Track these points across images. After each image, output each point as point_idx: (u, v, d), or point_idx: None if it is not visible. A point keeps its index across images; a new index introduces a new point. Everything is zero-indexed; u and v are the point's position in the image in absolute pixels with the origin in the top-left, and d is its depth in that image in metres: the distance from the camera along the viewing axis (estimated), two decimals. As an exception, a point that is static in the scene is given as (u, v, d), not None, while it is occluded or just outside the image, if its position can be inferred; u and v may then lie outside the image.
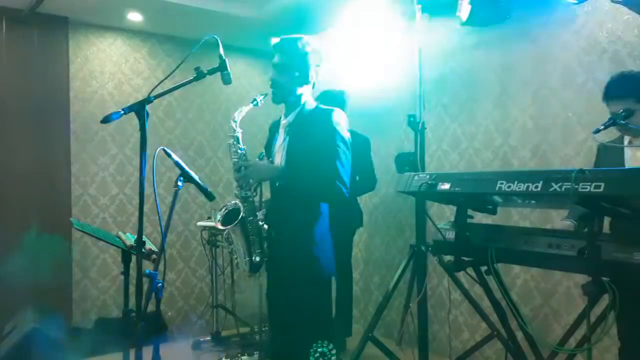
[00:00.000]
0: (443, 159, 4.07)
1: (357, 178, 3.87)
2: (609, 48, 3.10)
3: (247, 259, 2.14)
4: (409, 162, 3.55)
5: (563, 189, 1.69)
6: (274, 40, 2.22)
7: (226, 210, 2.15)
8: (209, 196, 2.05)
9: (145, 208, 1.87)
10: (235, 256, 2.15)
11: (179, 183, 1.93)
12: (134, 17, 4.33)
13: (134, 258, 2.37)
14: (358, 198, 4.11)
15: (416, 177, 2.30)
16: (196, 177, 2.00)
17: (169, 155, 1.96)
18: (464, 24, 2.96)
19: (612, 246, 1.72)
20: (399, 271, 3.26)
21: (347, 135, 2.17)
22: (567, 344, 2.38)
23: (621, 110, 2.26)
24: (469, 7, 2.83)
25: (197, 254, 4.94)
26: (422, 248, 3.12)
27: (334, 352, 2.08)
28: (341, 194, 2.10)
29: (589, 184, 1.62)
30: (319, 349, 2.06)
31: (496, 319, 2.49)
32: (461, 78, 3.93)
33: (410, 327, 3.30)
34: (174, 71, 2.04)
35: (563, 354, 2.37)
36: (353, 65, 4.07)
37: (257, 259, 2.15)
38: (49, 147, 4.29)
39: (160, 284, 1.85)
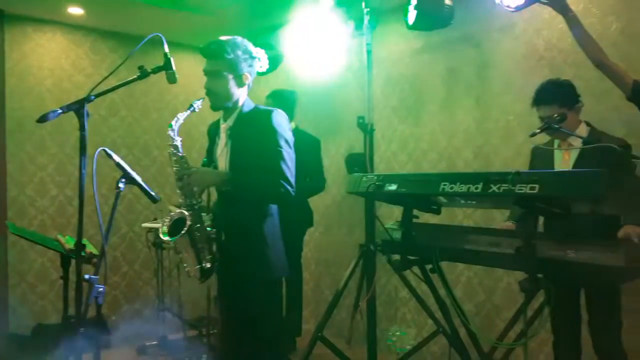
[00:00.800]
0: (392, 160, 4.14)
1: (308, 179, 3.88)
2: (545, 55, 3.25)
3: (198, 266, 2.11)
4: (358, 162, 3.60)
5: (501, 190, 1.76)
6: (214, 43, 2.17)
7: (171, 221, 2.10)
8: (153, 198, 2.00)
9: (88, 210, 1.80)
10: (185, 265, 2.11)
11: (121, 185, 1.87)
12: (75, 10, 4.16)
13: (74, 262, 2.28)
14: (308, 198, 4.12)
15: (365, 179, 2.34)
16: (139, 179, 1.94)
17: (110, 156, 1.90)
18: (410, 28, 3.02)
19: (547, 244, 1.81)
20: (349, 271, 3.30)
21: (289, 135, 2.17)
22: (506, 338, 2.49)
23: (555, 115, 2.38)
24: (415, 12, 2.90)
25: (143, 256, 4.81)
26: (371, 247, 3.17)
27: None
28: (287, 194, 2.11)
29: (525, 185, 1.70)
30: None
31: (442, 315, 2.57)
32: (409, 81, 4.01)
33: (359, 326, 3.34)
34: (115, 70, 1.97)
35: (505, 347, 2.48)
36: (304, 67, 4.08)
37: (208, 265, 2.12)
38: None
39: (101, 289, 1.79)
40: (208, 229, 2.16)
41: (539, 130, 2.23)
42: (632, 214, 2.09)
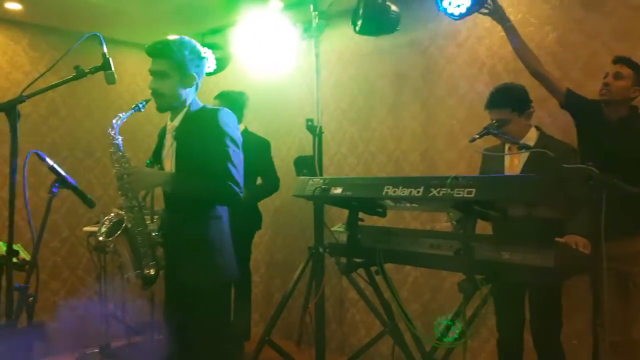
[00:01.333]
0: (342, 162, 4.18)
1: (261, 180, 3.87)
2: (487, 62, 3.37)
3: (138, 271, 2.05)
4: (307, 165, 3.62)
5: (440, 194, 1.81)
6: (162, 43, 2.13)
7: (110, 223, 2.05)
8: (89, 203, 1.93)
9: (23, 213, 1.73)
10: (126, 271, 2.05)
11: (54, 189, 1.80)
12: (13, 6, 3.98)
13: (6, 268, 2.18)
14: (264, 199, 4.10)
15: (311, 182, 2.35)
16: (74, 183, 1.87)
17: (42, 159, 1.82)
18: (358, 32, 3.06)
19: (484, 246, 1.87)
20: (297, 273, 3.31)
21: (237, 134, 2.13)
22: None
23: (494, 121, 2.46)
24: (362, 17, 2.94)
25: (85, 260, 4.65)
26: (320, 250, 3.18)
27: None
28: (235, 195, 2.07)
29: (463, 189, 1.75)
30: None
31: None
32: (358, 84, 4.06)
33: (309, 328, 3.35)
34: (47, 71, 1.91)
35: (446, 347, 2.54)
36: (253, 68, 4.05)
37: (152, 271, 2.06)
38: None
39: (31, 298, 1.72)
40: (154, 233, 2.11)
41: (477, 136, 2.31)
42: (572, 220, 2.18)
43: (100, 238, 2.04)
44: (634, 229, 2.42)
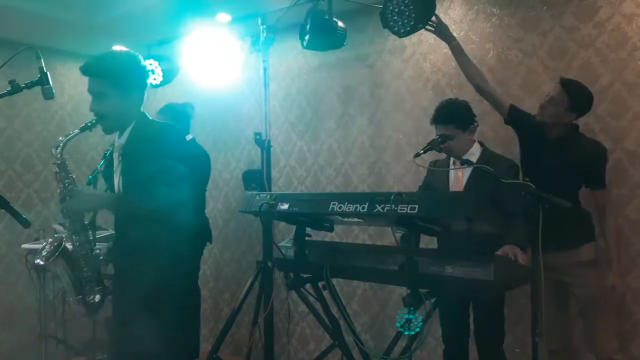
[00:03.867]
0: (291, 175, 4.18)
1: (207, 194, 3.81)
2: (431, 77, 3.47)
3: (79, 297, 1.97)
4: (255, 178, 3.60)
5: (385, 210, 1.84)
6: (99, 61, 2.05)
7: (51, 247, 1.96)
8: (23, 223, 1.85)
9: None
10: (67, 296, 1.97)
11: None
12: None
13: None
14: (207, 213, 4.04)
15: (258, 197, 2.34)
16: (7, 201, 1.79)
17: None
18: (305, 47, 3.08)
19: (428, 261, 1.92)
20: (246, 288, 3.27)
21: (178, 150, 2.07)
22: (397, 348, 2.59)
23: (437, 137, 2.53)
24: (309, 33, 2.96)
25: (24, 278, 4.43)
26: (269, 264, 3.16)
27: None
28: (181, 211, 2.00)
29: (406, 205, 1.79)
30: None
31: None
32: (307, 97, 4.09)
33: (259, 343, 3.32)
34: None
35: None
36: (201, 80, 4.01)
37: (97, 297, 1.99)
38: None
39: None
40: (100, 257, 2.04)
41: (422, 151, 2.36)
42: (509, 234, 2.26)
43: (38, 261, 1.96)
44: (571, 241, 2.54)
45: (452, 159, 2.67)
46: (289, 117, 4.19)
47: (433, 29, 2.73)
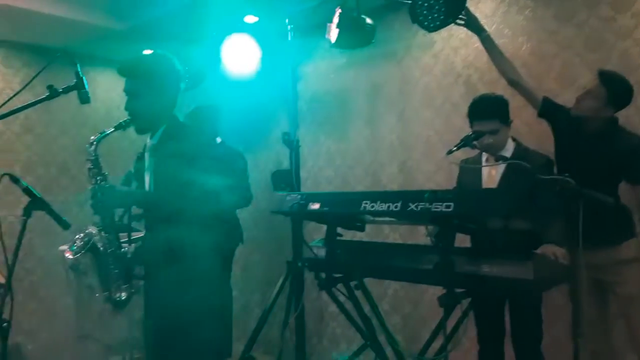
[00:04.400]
0: (319, 175, 4.17)
1: (232, 193, 3.82)
2: (463, 72, 3.40)
3: (105, 293, 2.00)
4: (284, 179, 3.60)
5: (419, 209, 1.81)
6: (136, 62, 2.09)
7: (81, 242, 2.00)
8: (63, 225, 1.88)
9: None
10: (94, 292, 1.99)
11: (28, 212, 1.75)
12: (-17, 22, 3.90)
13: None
14: (238, 214, 4.06)
15: (288, 198, 2.33)
16: (49, 204, 1.82)
17: (16, 181, 1.77)
18: (332, 46, 3.07)
19: (464, 260, 1.87)
20: (276, 289, 3.28)
21: (212, 151, 2.12)
22: (431, 349, 2.55)
23: (471, 132, 2.48)
24: (337, 30, 2.95)
25: (62, 279, 4.53)
26: (299, 264, 3.16)
27: None
28: (213, 212, 2.03)
29: (441, 203, 1.76)
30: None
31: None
32: (334, 97, 4.07)
33: (290, 343, 3.32)
34: (21, 90, 1.87)
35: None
36: (229, 82, 4.04)
37: (123, 295, 2.00)
38: None
39: (5, 324, 1.67)
40: (128, 255, 2.06)
41: (455, 148, 2.31)
42: (549, 230, 2.19)
43: (67, 255, 1.99)
44: (611, 239, 2.45)
45: (484, 156, 2.61)
46: (316, 116, 4.18)
47: (463, 22, 2.68)
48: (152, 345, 2.19)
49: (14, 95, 1.84)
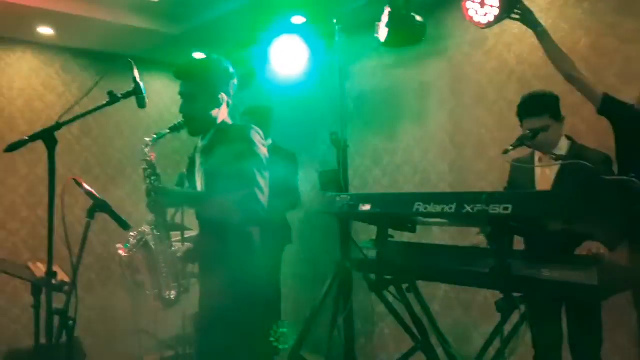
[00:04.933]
0: (366, 174, 4.15)
1: (283, 194, 3.85)
2: (516, 69, 3.31)
3: (155, 291, 2.04)
4: (332, 179, 3.60)
5: (475, 211, 1.76)
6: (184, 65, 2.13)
7: (134, 240, 2.06)
8: (124, 225, 1.95)
9: (60, 231, 1.75)
10: (145, 289, 2.05)
11: (92, 214, 1.83)
12: (45, 30, 4.09)
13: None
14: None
15: (338, 199, 2.32)
16: (110, 206, 1.89)
17: (79, 185, 1.85)
18: (381, 45, 3.04)
19: (521, 263, 1.81)
20: (325, 288, 3.27)
21: (263, 151, 2.10)
22: (486, 354, 2.49)
23: (527, 131, 2.40)
24: (386, 29, 2.92)
25: (117, 276, 4.71)
26: (347, 265, 3.14)
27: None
28: (260, 212, 2.02)
29: (498, 205, 1.71)
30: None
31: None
32: (382, 96, 4.04)
33: (338, 342, 3.32)
34: (81, 99, 1.95)
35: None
36: (276, 83, 4.07)
37: (172, 294, 2.05)
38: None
39: (71, 322, 1.74)
40: (178, 255, 2.11)
41: (511, 147, 2.24)
42: (600, 232, 2.10)
43: (120, 252, 2.06)
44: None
45: (536, 155, 2.53)
46: (363, 115, 4.16)
47: (518, 17, 2.59)
48: (203, 341, 2.24)
49: (77, 103, 1.91)
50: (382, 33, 2.97)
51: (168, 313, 4.29)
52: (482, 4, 2.46)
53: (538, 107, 2.44)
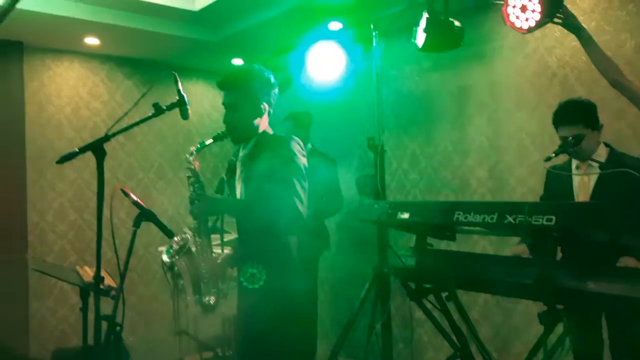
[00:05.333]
0: (403, 179, 4.13)
1: (324, 199, 3.89)
2: (558, 72, 3.24)
3: (196, 296, 2.09)
4: (369, 184, 3.60)
5: (517, 221, 1.74)
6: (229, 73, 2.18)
7: (177, 245, 2.11)
8: (168, 234, 2.00)
9: (105, 234, 1.82)
10: (186, 294, 2.10)
11: (137, 223, 1.89)
12: (91, 40, 4.25)
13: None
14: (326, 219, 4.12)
15: (376, 206, 2.33)
16: (155, 215, 1.96)
17: (127, 195, 1.92)
18: (420, 50, 3.02)
19: (565, 275, 1.78)
20: (362, 294, 3.27)
21: (303, 161, 2.12)
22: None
23: (570, 138, 2.35)
24: (424, 34, 2.90)
25: (159, 277, 4.83)
26: (385, 271, 3.14)
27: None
28: (299, 220, 2.05)
29: (541, 216, 1.68)
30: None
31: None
32: (419, 99, 4.01)
33: (375, 348, 3.31)
34: (128, 112, 2.02)
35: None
36: (313, 88, 4.10)
37: (212, 300, 2.09)
38: (2, 174, 4.14)
39: (118, 327, 1.81)
40: (218, 261, 2.15)
41: (554, 155, 2.21)
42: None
43: (164, 257, 2.11)
44: None
45: (574, 163, 2.48)
46: (400, 120, 4.15)
47: (561, 21, 2.54)
48: (241, 345, 2.28)
49: (125, 115, 2.00)
50: (420, 38, 2.95)
51: (208, 316, 4.40)
52: (524, 9, 2.41)
53: (572, 115, 2.41)
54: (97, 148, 1.80)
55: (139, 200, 1.92)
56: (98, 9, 3.75)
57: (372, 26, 3.53)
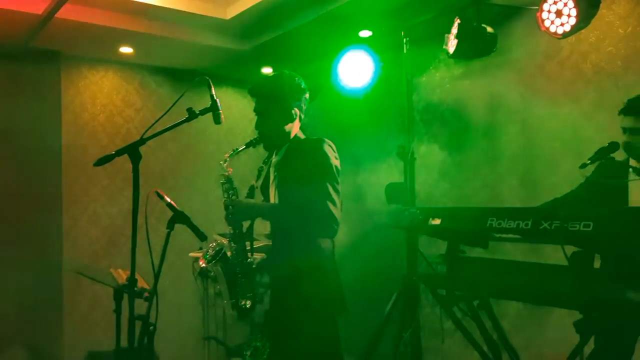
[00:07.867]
0: (433, 187, 4.09)
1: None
2: (593, 79, 3.17)
3: (232, 301, 2.11)
4: (398, 192, 3.57)
5: (553, 227, 1.71)
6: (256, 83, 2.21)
7: (213, 251, 2.14)
8: (201, 237, 2.03)
9: (137, 239, 1.85)
10: (223, 299, 2.12)
11: (171, 225, 1.92)
12: (126, 50, 4.36)
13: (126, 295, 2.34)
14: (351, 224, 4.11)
15: (407, 212, 2.31)
16: (189, 218, 1.99)
17: (161, 198, 1.96)
18: (451, 57, 3.00)
19: (603, 283, 1.73)
20: (391, 302, 3.24)
21: (336, 163, 2.11)
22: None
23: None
24: (456, 41, 2.88)
25: (189, 283, 4.88)
26: (414, 279, 3.10)
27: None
28: (333, 225, 2.04)
29: (578, 222, 1.64)
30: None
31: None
32: (449, 107, 3.98)
33: (403, 358, 3.27)
34: (163, 115, 2.06)
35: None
36: (345, 96, 4.11)
37: (248, 304, 2.11)
38: (39, 179, 4.27)
39: (152, 328, 1.83)
40: (253, 266, 2.16)
41: (589, 162, 2.16)
42: None
43: (202, 264, 2.14)
44: None
45: (631, 163, 2.40)
46: (430, 128, 4.12)
47: None
48: (272, 350, 2.27)
49: (159, 119, 2.04)
50: (452, 45, 2.94)
51: (237, 322, 4.42)
52: (559, 14, 2.38)
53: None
54: (133, 151, 1.84)
55: (172, 203, 1.95)
56: (133, 18, 3.85)
57: (402, 33, 3.53)
